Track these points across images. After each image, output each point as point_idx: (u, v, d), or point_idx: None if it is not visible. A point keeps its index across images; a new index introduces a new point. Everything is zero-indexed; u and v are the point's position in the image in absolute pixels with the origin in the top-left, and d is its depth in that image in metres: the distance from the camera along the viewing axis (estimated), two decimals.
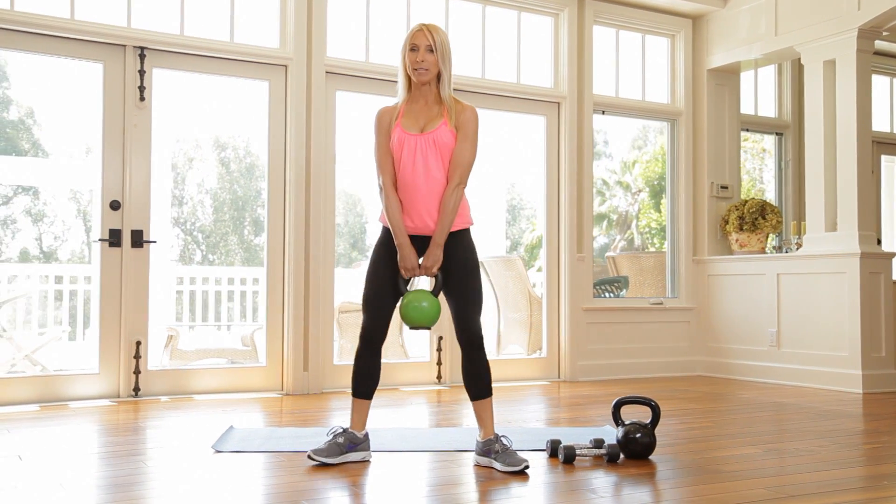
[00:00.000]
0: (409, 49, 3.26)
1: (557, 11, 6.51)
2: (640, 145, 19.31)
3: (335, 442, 3.28)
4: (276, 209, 5.60)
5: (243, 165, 16.34)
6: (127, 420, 4.42)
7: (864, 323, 5.86)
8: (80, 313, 8.27)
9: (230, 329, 8.63)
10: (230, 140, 15.90)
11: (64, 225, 15.28)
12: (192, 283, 8.65)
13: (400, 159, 3.26)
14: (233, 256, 16.05)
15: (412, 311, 3.20)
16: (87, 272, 8.18)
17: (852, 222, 5.97)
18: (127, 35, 5.16)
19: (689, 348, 6.99)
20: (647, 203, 19.61)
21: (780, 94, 7.87)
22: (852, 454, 3.61)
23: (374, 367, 3.35)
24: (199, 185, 15.93)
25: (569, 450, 3.33)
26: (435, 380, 6.08)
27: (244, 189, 16.12)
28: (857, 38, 5.98)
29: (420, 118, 3.29)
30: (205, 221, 16.39)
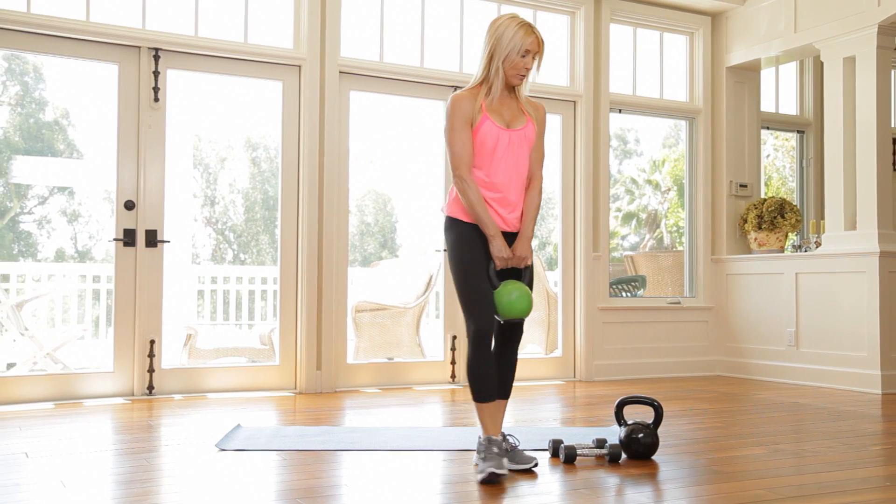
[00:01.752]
0: (519, 52, 3.13)
1: (574, 10, 6.48)
2: (672, 143, 19.16)
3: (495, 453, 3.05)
4: (290, 208, 5.63)
5: (274, 165, 16.46)
6: (138, 418, 4.48)
7: (884, 323, 5.77)
8: (104, 312, 8.38)
9: (251, 328, 8.70)
10: (261, 140, 16.02)
11: (98, 224, 15.49)
12: (214, 283, 8.73)
13: (493, 153, 3.16)
14: (264, 256, 16.18)
15: (517, 302, 3.11)
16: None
17: (872, 221, 5.88)
18: (141, 36, 5.22)
19: (707, 348, 6.92)
20: (675, 202, 19.46)
21: (802, 91, 7.77)
22: (859, 455, 3.56)
23: (493, 363, 3.18)
24: (231, 185, 16.07)
25: (570, 450, 3.32)
26: (449, 379, 6.08)
27: (275, 189, 16.26)
28: (877, 35, 5.89)
29: (504, 113, 3.20)
30: (236, 221, 16.54)
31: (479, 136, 3.15)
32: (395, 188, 14.44)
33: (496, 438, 3.11)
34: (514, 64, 3.14)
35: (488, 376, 3.15)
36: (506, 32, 3.14)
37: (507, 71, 3.15)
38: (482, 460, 3.01)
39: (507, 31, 3.14)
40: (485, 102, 3.18)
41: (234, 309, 8.68)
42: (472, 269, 3.15)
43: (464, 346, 6.07)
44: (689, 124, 7.07)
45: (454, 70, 6.13)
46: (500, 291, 3.13)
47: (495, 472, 2.94)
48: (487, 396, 3.15)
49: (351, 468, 3.25)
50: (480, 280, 3.15)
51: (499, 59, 3.15)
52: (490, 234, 3.14)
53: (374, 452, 3.54)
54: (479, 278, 3.15)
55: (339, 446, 3.64)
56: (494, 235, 3.14)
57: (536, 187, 3.26)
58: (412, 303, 6.95)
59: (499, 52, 3.14)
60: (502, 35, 3.14)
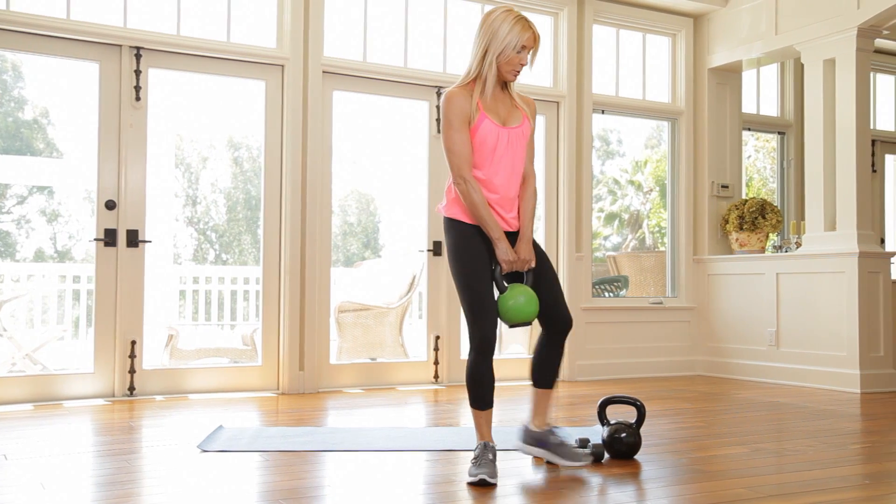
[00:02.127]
0: (516, 48, 3.06)
1: (557, 10, 6.50)
2: (654, 144, 19.22)
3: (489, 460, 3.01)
4: (273, 208, 5.61)
5: (256, 165, 16.40)
6: (119, 419, 4.45)
7: (863, 322, 5.82)
8: (84, 312, 8.31)
9: (233, 328, 8.66)
10: (243, 140, 15.95)
11: (78, 224, 15.37)
12: (196, 283, 8.68)
13: (493, 152, 3.10)
14: (246, 256, 16.11)
15: (525, 306, 3.07)
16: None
17: (851, 222, 5.93)
18: (123, 35, 5.18)
19: (688, 348, 6.96)
20: (657, 202, 19.56)
21: (783, 93, 7.83)
22: (839, 454, 3.59)
23: (493, 372, 3.12)
24: (213, 185, 15.99)
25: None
26: (432, 379, 6.08)
27: (257, 189, 16.19)
28: (856, 37, 5.94)
29: (500, 110, 3.15)
30: (218, 221, 16.46)
31: (478, 135, 3.08)
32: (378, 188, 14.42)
33: (492, 444, 3.08)
34: (510, 59, 3.08)
35: (489, 385, 3.11)
36: (502, 27, 3.06)
37: (501, 66, 3.09)
38: (475, 465, 2.98)
39: (504, 25, 3.06)
40: (480, 100, 3.11)
41: (216, 309, 8.64)
42: (476, 274, 3.09)
43: (447, 347, 6.07)
44: (671, 125, 7.10)
45: (438, 70, 6.13)
46: (506, 296, 3.09)
47: (486, 480, 2.92)
48: (486, 405, 3.12)
49: (335, 469, 3.24)
50: (485, 286, 3.09)
51: (493, 55, 3.08)
52: (495, 238, 3.10)
53: (358, 453, 3.53)
54: (484, 284, 3.09)
55: (322, 447, 3.63)
56: (499, 238, 3.10)
57: (532, 185, 3.24)
58: (395, 303, 6.94)
59: (493, 47, 3.07)
60: (498, 30, 3.06)
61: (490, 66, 3.09)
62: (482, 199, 3.08)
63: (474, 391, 3.13)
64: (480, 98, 3.12)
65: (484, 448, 3.05)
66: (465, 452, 3.50)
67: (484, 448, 3.05)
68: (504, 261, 3.11)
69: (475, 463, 3.00)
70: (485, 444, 3.07)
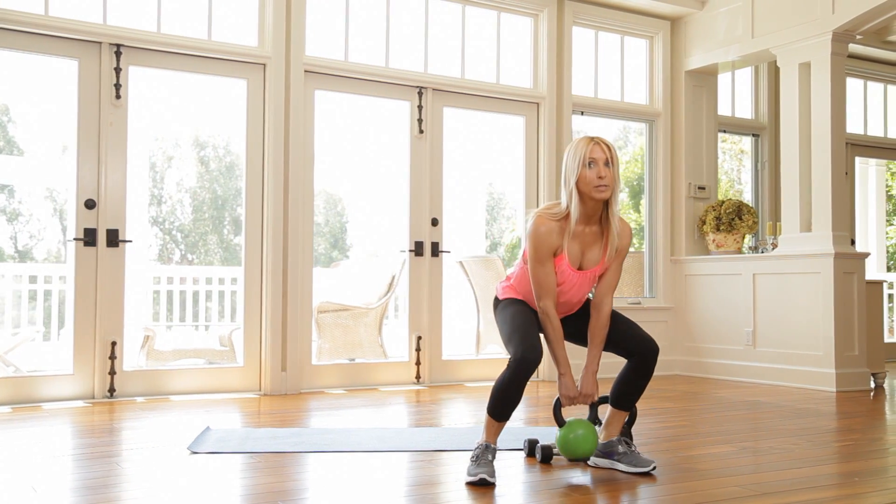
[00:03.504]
0: (586, 164, 3.01)
1: (537, 12, 6.53)
2: (621, 146, 19.38)
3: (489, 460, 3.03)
4: (254, 208, 5.58)
5: (223, 164, 16.26)
6: (102, 421, 4.39)
7: (838, 322, 5.91)
8: (56, 313, 8.19)
9: (208, 329, 8.58)
10: (209, 139, 15.83)
11: (39, 223, 15.15)
12: (169, 283, 8.59)
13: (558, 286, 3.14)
14: (212, 256, 15.97)
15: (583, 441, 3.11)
16: (63, 272, 8.10)
17: (827, 223, 6.03)
18: (102, 32, 5.12)
19: (666, 348, 7.01)
20: (626, 203, 19.69)
21: (757, 95, 7.93)
22: (825, 452, 3.65)
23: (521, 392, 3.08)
24: (178, 184, 15.85)
25: (546, 449, 3.34)
26: (414, 380, 6.08)
27: (224, 188, 16.04)
28: (831, 42, 6.04)
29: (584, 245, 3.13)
30: (183, 221, 16.31)
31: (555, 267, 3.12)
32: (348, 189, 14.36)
33: (493, 446, 3.09)
34: (590, 177, 3.01)
35: (514, 402, 3.07)
36: (569, 154, 3.08)
37: (583, 190, 3.03)
38: (476, 464, 2.99)
39: (570, 151, 3.08)
40: (565, 237, 3.10)
41: (181, 310, 8.54)
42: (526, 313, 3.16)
43: (429, 348, 6.07)
44: (648, 127, 7.17)
45: (419, 70, 6.13)
46: (565, 429, 3.14)
47: (486, 479, 2.92)
48: (504, 417, 3.10)
49: (328, 470, 3.23)
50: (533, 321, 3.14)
51: (572, 181, 3.04)
52: (560, 372, 3.18)
53: (350, 454, 3.52)
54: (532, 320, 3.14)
55: (313, 448, 3.61)
56: (564, 374, 3.18)
57: (605, 314, 3.18)
58: (374, 303, 6.93)
59: (569, 172, 3.05)
60: (567, 158, 3.08)
61: (571, 195, 3.05)
62: (557, 334, 3.14)
63: (499, 403, 3.08)
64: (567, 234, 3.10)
65: (485, 448, 3.06)
66: (457, 453, 3.51)
67: (485, 448, 3.06)
68: (565, 396, 3.20)
69: (475, 462, 3.01)
70: (487, 444, 3.08)
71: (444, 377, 6.17)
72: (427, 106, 6.11)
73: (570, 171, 3.04)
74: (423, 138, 6.10)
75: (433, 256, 6.12)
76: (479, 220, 9.49)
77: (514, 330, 3.09)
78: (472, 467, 3.00)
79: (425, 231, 6.10)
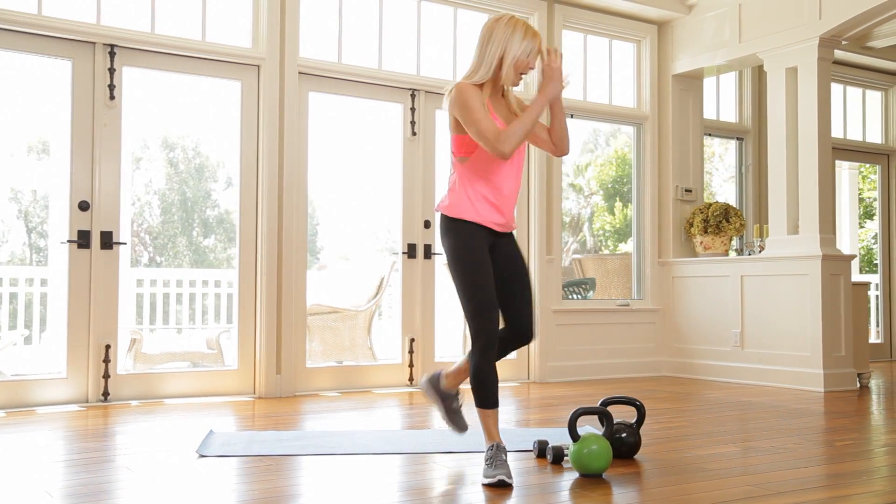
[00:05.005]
0: (524, 50, 3.12)
1: (527, 15, 6.56)
2: (591, 149, 19.51)
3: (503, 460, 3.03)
4: (249, 210, 5.54)
5: (192, 166, 16.13)
6: (101, 425, 4.34)
7: (826, 323, 6.00)
8: (37, 317, 8.06)
9: (193, 332, 8.51)
10: (178, 140, 15.66)
11: (3, 225, 14.91)
12: (153, 286, 8.51)
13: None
14: (181, 258, 15.83)
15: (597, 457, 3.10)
16: (30, 274, 7.97)
17: (813, 225, 6.12)
18: (97, 32, 5.06)
19: (654, 349, 7.09)
20: (601, 206, 19.82)
21: (741, 99, 8.03)
22: (828, 451, 3.70)
23: (495, 370, 3.16)
24: (147, 186, 15.68)
25: (557, 450, 3.35)
26: (407, 382, 6.07)
27: (193, 190, 15.92)
28: (818, 47, 6.13)
29: (502, 112, 3.19)
30: (152, 223, 16.14)
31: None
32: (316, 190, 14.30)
33: (503, 445, 3.09)
34: (522, 63, 3.14)
35: (494, 383, 3.13)
36: (516, 34, 3.12)
37: (507, 67, 3.13)
38: (491, 466, 3.00)
39: (517, 33, 3.12)
40: (490, 102, 3.15)
41: (165, 313, 8.46)
42: (482, 272, 3.13)
43: (422, 350, 6.07)
44: (636, 130, 7.23)
45: (412, 73, 6.13)
46: (579, 444, 3.14)
47: (505, 481, 2.93)
48: (493, 403, 3.13)
49: (340, 472, 3.22)
50: (490, 284, 3.13)
51: (511, 59, 3.12)
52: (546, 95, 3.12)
53: (359, 456, 3.52)
54: (489, 281, 3.13)
55: (320, 451, 3.60)
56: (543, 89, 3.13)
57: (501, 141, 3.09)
58: (364, 306, 6.92)
59: (511, 52, 3.11)
60: (512, 36, 3.12)
61: (508, 71, 3.13)
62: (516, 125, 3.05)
63: (482, 392, 3.13)
64: (490, 100, 3.16)
65: (497, 449, 3.06)
66: (467, 454, 3.52)
67: (497, 449, 3.06)
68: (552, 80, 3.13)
69: (490, 464, 3.01)
70: (497, 444, 3.08)
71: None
72: (420, 108, 6.12)
73: (507, 47, 3.10)
74: (415, 140, 6.11)
75: (426, 258, 6.12)
76: None
77: (479, 301, 3.09)
78: (487, 469, 3.00)
79: (418, 233, 6.10)
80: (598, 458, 3.13)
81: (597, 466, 3.13)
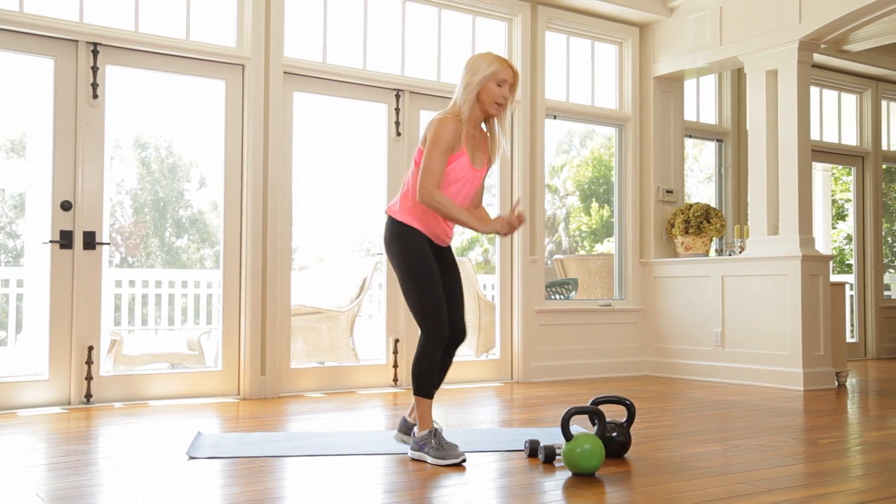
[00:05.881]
0: (495, 81, 3.30)
1: (511, 16, 6.58)
2: (565, 150, 19.60)
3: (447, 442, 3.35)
4: (233, 211, 5.51)
5: (165, 165, 16.02)
6: (86, 428, 4.30)
7: (805, 323, 6.07)
8: (12, 318, 7.96)
9: (172, 333, 8.44)
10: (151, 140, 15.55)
11: None
12: (131, 287, 8.43)
13: (454, 184, 3.35)
14: (153, 259, 15.72)
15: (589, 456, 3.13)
16: (2, 275, 7.87)
17: (793, 226, 6.19)
18: (79, 30, 5.01)
19: (635, 349, 7.14)
20: (576, 207, 19.90)
21: (721, 102, 8.11)
22: (813, 449, 3.75)
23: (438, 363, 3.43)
24: (119, 186, 15.54)
25: (549, 449, 3.37)
26: (391, 382, 6.07)
27: (165, 190, 15.82)
28: (797, 50, 6.21)
29: (474, 148, 3.40)
30: (123, 223, 16.01)
31: (452, 166, 3.32)
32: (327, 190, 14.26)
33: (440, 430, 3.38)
34: (494, 94, 3.30)
35: (435, 374, 3.41)
36: (481, 64, 3.32)
37: (483, 100, 3.31)
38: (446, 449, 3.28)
39: (483, 63, 3.33)
40: (465, 135, 3.33)
41: (153, 313, 8.40)
42: (434, 274, 3.36)
43: (406, 350, 6.07)
44: (618, 131, 7.28)
45: (396, 73, 6.13)
46: (572, 444, 3.16)
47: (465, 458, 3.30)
48: (432, 393, 3.41)
49: (333, 472, 3.22)
50: (439, 290, 3.36)
51: (476, 88, 3.30)
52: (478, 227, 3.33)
53: (350, 457, 3.51)
54: (438, 288, 3.36)
55: (311, 452, 3.59)
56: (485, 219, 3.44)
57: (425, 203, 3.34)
58: (346, 306, 6.90)
59: (475, 81, 3.30)
60: (478, 66, 3.32)
61: (468, 100, 3.31)
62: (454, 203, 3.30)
63: (424, 382, 3.38)
64: (467, 134, 3.35)
65: (439, 433, 3.34)
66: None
67: (439, 433, 3.34)
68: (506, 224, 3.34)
69: (443, 447, 3.29)
70: (436, 430, 3.37)
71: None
72: (404, 108, 6.12)
73: (480, 79, 3.29)
74: (400, 141, 6.10)
75: None
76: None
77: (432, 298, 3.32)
78: (442, 452, 3.27)
79: None
80: (591, 457, 3.15)
81: (590, 465, 3.15)
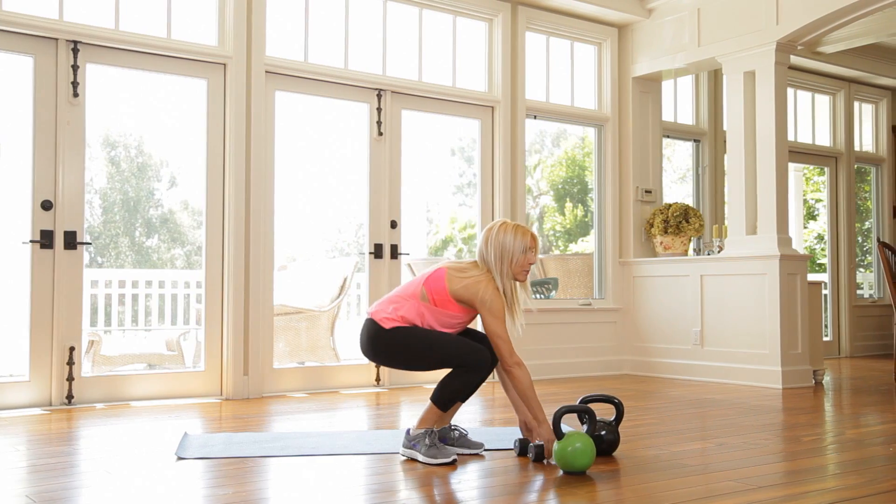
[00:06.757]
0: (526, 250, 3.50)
1: (491, 17, 6.60)
2: (537, 150, 19.69)
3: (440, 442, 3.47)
4: (215, 210, 5.48)
5: (134, 165, 15.87)
6: (68, 429, 4.25)
7: (784, 321, 6.15)
8: None
9: (149, 333, 8.37)
10: (121, 138, 15.37)
11: None
12: (107, 287, 8.35)
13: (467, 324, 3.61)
14: (123, 259, 15.56)
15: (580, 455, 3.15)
16: None
17: (771, 226, 6.27)
18: (59, 28, 4.96)
19: (615, 348, 7.19)
20: (551, 207, 19.98)
21: (698, 102, 8.19)
22: (798, 446, 3.80)
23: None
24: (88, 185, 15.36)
25: (539, 448, 3.39)
26: (374, 382, 6.06)
27: (136, 189, 15.68)
28: (775, 52, 6.28)
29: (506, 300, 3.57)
30: (93, 222, 15.83)
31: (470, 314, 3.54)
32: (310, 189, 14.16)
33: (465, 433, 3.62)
34: (525, 261, 3.52)
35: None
36: (509, 241, 3.50)
37: (515, 271, 3.52)
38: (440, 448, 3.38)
39: (508, 239, 3.50)
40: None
41: (129, 314, 8.32)
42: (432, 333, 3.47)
43: None
44: (597, 131, 7.32)
45: (378, 73, 6.13)
46: (563, 442, 3.19)
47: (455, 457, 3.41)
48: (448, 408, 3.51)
49: (324, 472, 3.21)
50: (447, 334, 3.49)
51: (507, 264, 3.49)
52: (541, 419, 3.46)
53: (339, 456, 3.51)
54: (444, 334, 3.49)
55: (300, 452, 3.58)
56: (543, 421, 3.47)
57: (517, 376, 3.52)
58: (327, 306, 6.88)
59: (511, 254, 3.49)
60: (506, 245, 3.50)
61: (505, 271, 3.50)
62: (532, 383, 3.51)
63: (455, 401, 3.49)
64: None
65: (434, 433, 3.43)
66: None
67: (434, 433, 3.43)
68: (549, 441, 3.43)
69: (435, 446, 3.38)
70: (433, 430, 3.44)
71: (403, 379, 6.18)
72: (386, 108, 6.11)
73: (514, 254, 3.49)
74: (382, 141, 6.10)
75: (392, 258, 6.12)
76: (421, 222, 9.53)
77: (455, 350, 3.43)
78: (437, 451, 3.36)
79: (384, 233, 6.09)
80: (582, 455, 3.17)
81: (581, 464, 3.17)
